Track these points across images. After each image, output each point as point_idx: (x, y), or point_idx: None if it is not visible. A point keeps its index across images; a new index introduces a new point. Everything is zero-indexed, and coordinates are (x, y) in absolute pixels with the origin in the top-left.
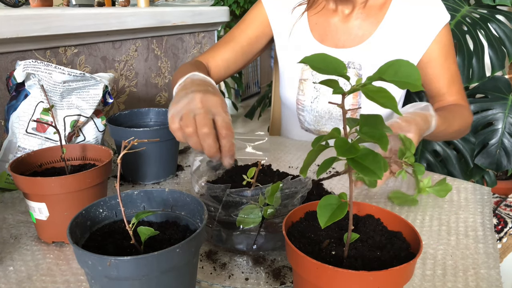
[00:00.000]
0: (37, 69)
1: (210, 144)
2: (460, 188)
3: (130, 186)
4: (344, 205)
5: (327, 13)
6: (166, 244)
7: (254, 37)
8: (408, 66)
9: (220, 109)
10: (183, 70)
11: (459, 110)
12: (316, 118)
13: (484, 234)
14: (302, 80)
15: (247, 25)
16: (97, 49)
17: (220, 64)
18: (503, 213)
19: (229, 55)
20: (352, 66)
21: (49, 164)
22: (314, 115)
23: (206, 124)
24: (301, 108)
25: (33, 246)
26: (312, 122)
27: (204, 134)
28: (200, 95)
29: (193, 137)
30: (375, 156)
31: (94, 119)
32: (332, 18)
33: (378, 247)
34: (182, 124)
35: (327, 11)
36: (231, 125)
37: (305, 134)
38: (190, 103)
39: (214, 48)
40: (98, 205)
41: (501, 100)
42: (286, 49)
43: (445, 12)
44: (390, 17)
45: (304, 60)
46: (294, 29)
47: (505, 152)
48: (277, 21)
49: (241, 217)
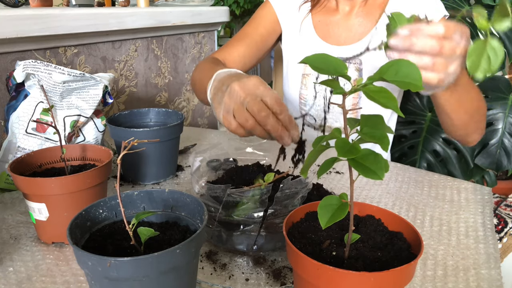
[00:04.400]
0: (36, 69)
1: (273, 124)
2: (460, 188)
3: (130, 187)
4: (345, 206)
5: (329, 12)
6: (166, 244)
7: (266, 33)
8: (408, 66)
9: (263, 89)
10: (205, 69)
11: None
12: (318, 113)
13: (484, 234)
14: (305, 75)
15: (258, 22)
16: (97, 49)
17: (237, 60)
18: (503, 213)
19: (245, 51)
20: (353, 62)
21: (49, 164)
22: (316, 109)
23: (261, 109)
24: (304, 103)
25: (33, 246)
26: (315, 117)
27: (263, 118)
28: (237, 84)
29: (256, 127)
30: (376, 156)
31: (94, 119)
32: (333, 16)
33: (379, 248)
34: (240, 121)
35: (329, 10)
36: (280, 98)
37: (307, 129)
38: (232, 96)
39: (229, 45)
40: (98, 205)
41: (501, 100)
42: (293, 45)
43: (443, 8)
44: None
45: (305, 60)
46: (301, 26)
47: (505, 152)
48: (285, 19)
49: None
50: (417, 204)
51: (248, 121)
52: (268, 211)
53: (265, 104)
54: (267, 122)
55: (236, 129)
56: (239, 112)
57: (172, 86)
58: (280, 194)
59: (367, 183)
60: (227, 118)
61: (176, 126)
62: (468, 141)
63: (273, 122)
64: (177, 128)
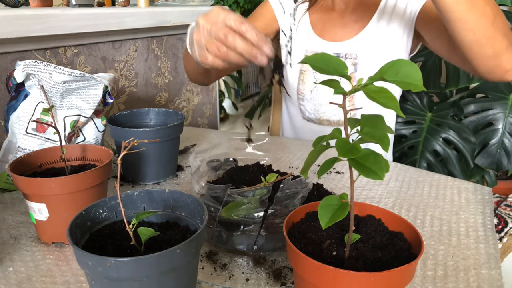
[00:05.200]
0: (37, 69)
1: (242, 45)
2: (461, 188)
3: (130, 187)
4: (345, 206)
5: (325, 10)
6: (166, 245)
7: (264, 28)
8: (409, 66)
9: (225, 14)
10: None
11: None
12: (316, 107)
13: (485, 234)
14: (302, 70)
15: (255, 19)
16: (97, 49)
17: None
18: (503, 213)
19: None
20: (349, 56)
21: (49, 164)
22: (313, 103)
23: (226, 33)
24: (301, 98)
25: (33, 247)
26: (312, 111)
27: (232, 42)
28: (200, 19)
29: (229, 54)
30: (377, 156)
31: (94, 119)
32: (330, 14)
33: (379, 248)
34: (213, 52)
35: (326, 8)
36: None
37: (307, 124)
38: (200, 31)
39: None
40: (98, 205)
41: (502, 100)
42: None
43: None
44: (382, 8)
45: (305, 60)
46: (299, 25)
47: (505, 152)
48: (283, 17)
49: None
50: (417, 204)
51: (220, 50)
52: (269, 211)
53: (230, 28)
54: (236, 45)
55: (213, 62)
56: (209, 44)
57: (172, 86)
58: (280, 194)
59: (368, 183)
60: (202, 54)
61: (176, 126)
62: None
63: (241, 43)
64: (177, 128)
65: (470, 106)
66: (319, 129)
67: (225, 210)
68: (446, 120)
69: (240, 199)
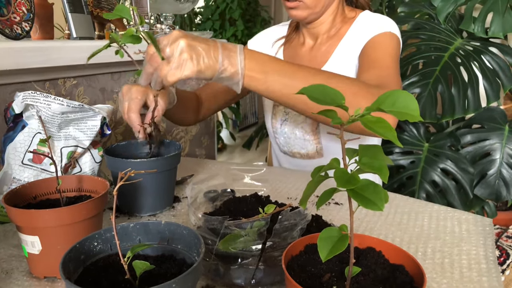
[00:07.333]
0: (36, 100)
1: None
2: (461, 219)
3: (126, 218)
4: (345, 238)
5: (297, 46)
6: (162, 278)
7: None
8: (405, 96)
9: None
10: None
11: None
12: (286, 140)
13: (487, 267)
14: (275, 105)
15: None
16: (96, 81)
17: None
18: (504, 244)
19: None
20: None
21: (44, 196)
22: (284, 137)
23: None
24: (275, 131)
25: (25, 281)
26: (284, 144)
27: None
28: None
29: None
30: (376, 187)
31: (91, 150)
32: (300, 49)
33: (380, 281)
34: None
35: (297, 44)
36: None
37: (284, 156)
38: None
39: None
40: (93, 238)
41: (498, 131)
42: None
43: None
44: (345, 39)
45: (302, 91)
46: None
47: (504, 182)
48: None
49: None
50: (418, 235)
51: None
52: (267, 243)
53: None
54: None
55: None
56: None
57: None
58: (279, 226)
59: (367, 214)
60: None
61: (174, 156)
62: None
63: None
64: (175, 158)
65: (467, 137)
66: (295, 162)
67: (222, 242)
68: (444, 150)
69: (237, 231)
